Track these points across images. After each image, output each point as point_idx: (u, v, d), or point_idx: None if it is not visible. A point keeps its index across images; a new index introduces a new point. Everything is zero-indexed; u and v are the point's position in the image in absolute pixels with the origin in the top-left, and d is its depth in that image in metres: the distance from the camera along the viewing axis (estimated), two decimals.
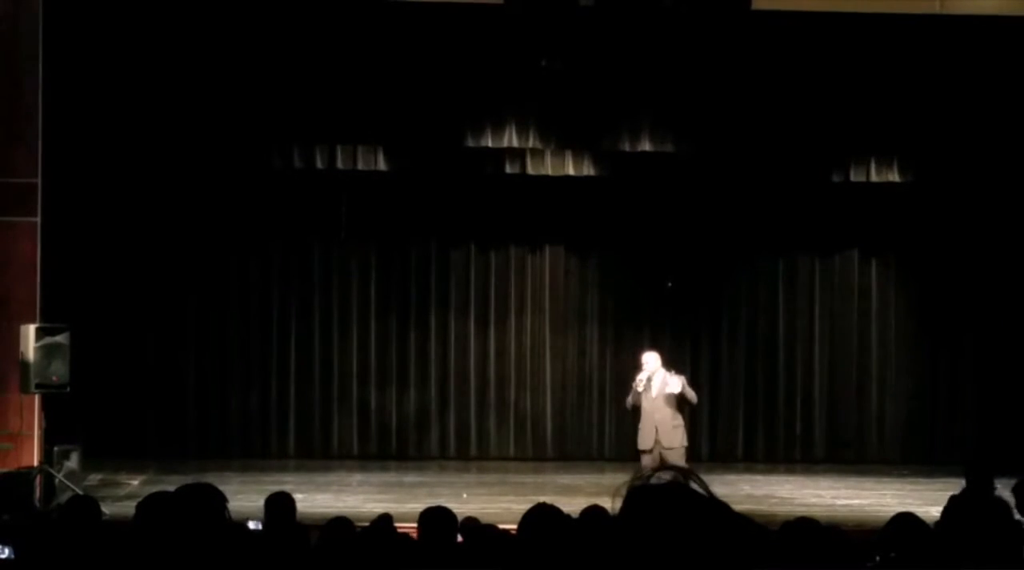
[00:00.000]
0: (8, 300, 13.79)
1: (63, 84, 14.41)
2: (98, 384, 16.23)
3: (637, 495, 2.04)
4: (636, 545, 1.98)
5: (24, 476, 12.95)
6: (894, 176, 16.82)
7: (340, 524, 6.00)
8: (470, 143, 16.16)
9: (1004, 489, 13.31)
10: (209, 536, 2.61)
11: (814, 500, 14.09)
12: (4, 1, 13.95)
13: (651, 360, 13.70)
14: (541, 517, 5.31)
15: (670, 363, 14.24)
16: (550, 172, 16.90)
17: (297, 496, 13.34)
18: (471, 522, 6.71)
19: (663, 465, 1.93)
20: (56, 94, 14.22)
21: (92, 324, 15.64)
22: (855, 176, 16.87)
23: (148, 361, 17.27)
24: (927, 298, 18.27)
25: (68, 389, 13.60)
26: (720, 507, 1.95)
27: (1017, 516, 7.70)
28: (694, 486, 2.01)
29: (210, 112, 15.43)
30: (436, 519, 5.77)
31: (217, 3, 14.69)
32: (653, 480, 2.04)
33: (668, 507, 1.99)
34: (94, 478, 14.61)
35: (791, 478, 16.19)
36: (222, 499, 3.38)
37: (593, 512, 5.94)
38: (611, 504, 2.10)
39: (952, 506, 5.13)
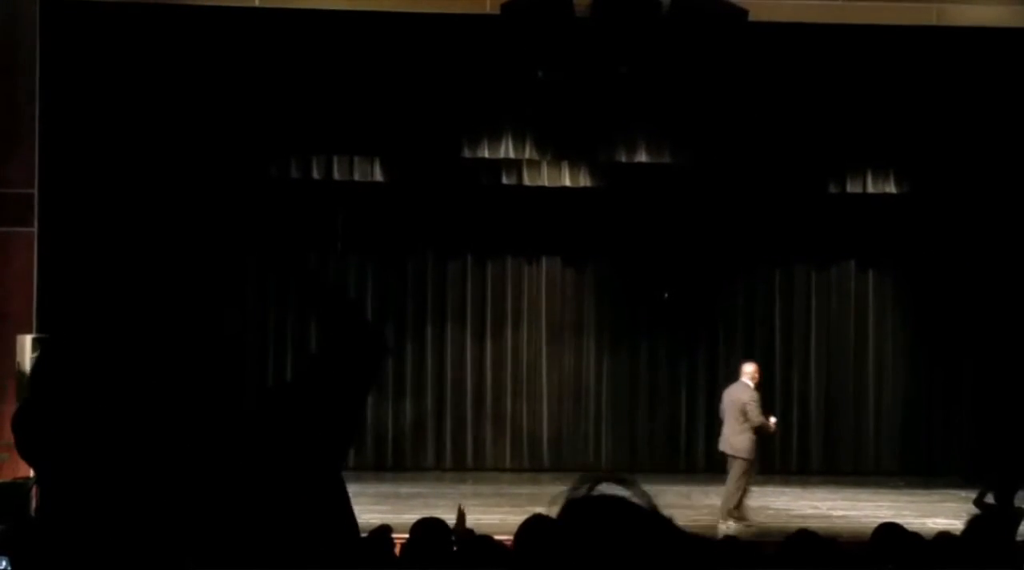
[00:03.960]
0: (5, 311, 13.78)
1: (60, 94, 14.41)
2: None
3: (574, 506, 2.00)
4: (574, 558, 1.95)
5: (20, 487, 12.91)
6: (891, 187, 16.85)
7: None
8: (467, 154, 16.17)
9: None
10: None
11: (810, 511, 14.07)
12: (1, 14, 13.95)
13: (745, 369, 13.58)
14: (537, 528, 5.30)
15: (672, 374, 14.27)
16: (547, 183, 16.92)
17: None
18: (468, 534, 6.70)
19: (604, 475, 1.85)
20: (53, 104, 14.22)
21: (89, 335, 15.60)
22: (852, 187, 16.90)
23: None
24: (924, 309, 18.28)
25: None
26: (661, 521, 1.90)
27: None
28: (635, 498, 1.93)
29: (207, 122, 15.43)
30: (430, 530, 5.77)
31: (214, 14, 14.68)
32: (594, 491, 2.00)
33: (605, 519, 1.94)
34: None
35: (787, 489, 16.17)
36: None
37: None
38: (547, 512, 2.07)
39: (978, 518, 5.13)
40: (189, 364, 2.54)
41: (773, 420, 13.29)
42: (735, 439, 13.07)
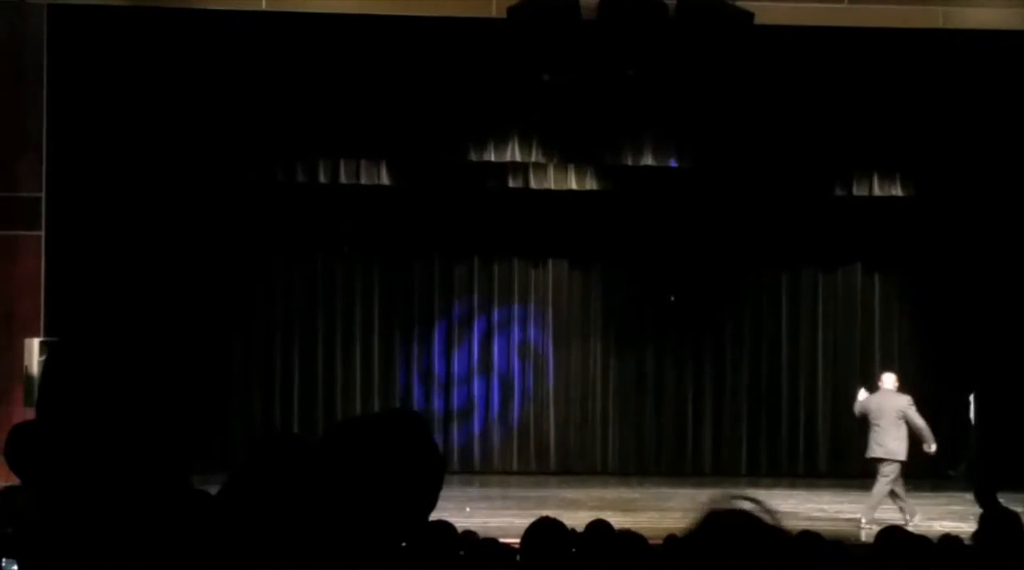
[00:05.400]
0: (12, 314, 13.81)
1: (67, 99, 14.44)
2: None
3: (712, 519, 2.26)
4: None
5: (27, 490, 12.92)
6: (897, 190, 16.85)
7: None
8: (473, 157, 16.19)
9: (1009, 502, 13.33)
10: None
11: (817, 514, 14.06)
12: (8, 18, 13.99)
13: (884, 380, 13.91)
14: (544, 531, 5.32)
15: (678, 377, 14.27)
16: (553, 186, 16.93)
17: None
18: (471, 536, 6.71)
19: (739, 494, 2.20)
20: (60, 109, 14.25)
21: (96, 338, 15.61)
22: (858, 190, 16.90)
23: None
24: (930, 312, 18.26)
25: None
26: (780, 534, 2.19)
27: None
28: (763, 515, 2.22)
29: (213, 126, 15.46)
30: (440, 533, 5.77)
31: (220, 18, 14.70)
32: (730, 505, 2.25)
33: (737, 533, 2.21)
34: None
35: (794, 492, 16.17)
36: None
37: (597, 526, 5.94)
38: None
39: (987, 519, 5.14)
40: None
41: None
42: (894, 444, 13.42)
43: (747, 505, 2.25)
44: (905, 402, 13.53)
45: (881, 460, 13.51)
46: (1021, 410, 17.20)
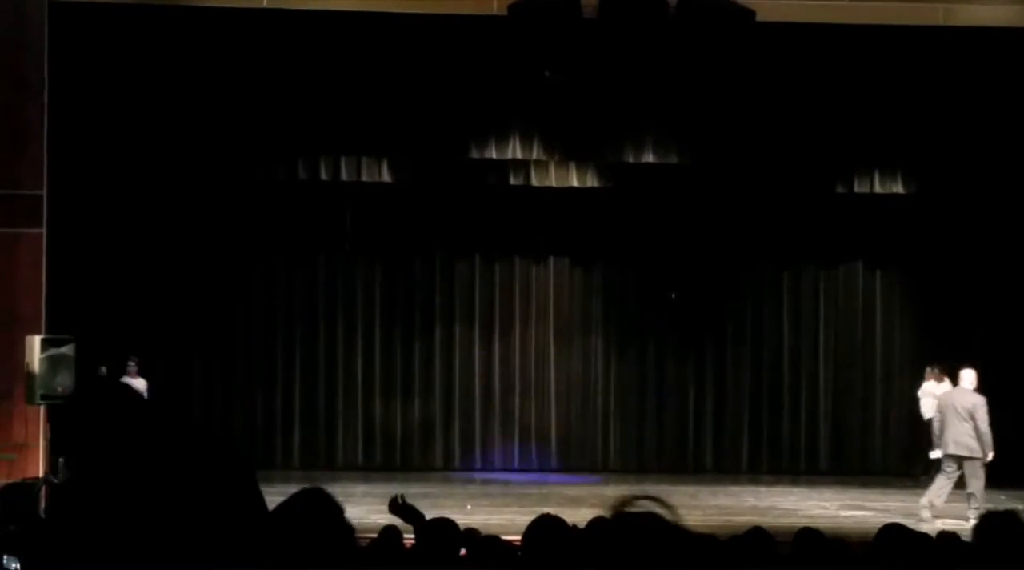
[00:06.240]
0: (14, 311, 13.81)
1: (69, 96, 14.44)
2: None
3: (615, 522, 2.33)
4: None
5: (29, 487, 12.95)
6: (898, 187, 16.85)
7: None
8: (474, 155, 16.20)
9: (1011, 501, 13.35)
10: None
11: (818, 512, 14.07)
12: (10, 16, 13.99)
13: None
14: (545, 528, 5.32)
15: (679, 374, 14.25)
16: (554, 183, 16.95)
17: None
18: (473, 534, 6.72)
19: (642, 495, 2.27)
20: (62, 106, 14.25)
21: (97, 335, 15.64)
22: (859, 187, 16.91)
23: (154, 372, 17.25)
24: (931, 310, 18.27)
25: None
26: (684, 533, 2.27)
27: None
28: (665, 514, 2.31)
29: (215, 124, 15.47)
30: (438, 531, 5.78)
31: (221, 16, 14.71)
32: (633, 508, 2.34)
33: (641, 535, 2.29)
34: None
35: (795, 489, 16.18)
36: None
37: (598, 523, 5.95)
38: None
39: (989, 517, 5.14)
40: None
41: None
42: (969, 440, 13.32)
43: (650, 505, 2.36)
44: (979, 401, 13.40)
45: (961, 458, 13.40)
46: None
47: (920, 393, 17.07)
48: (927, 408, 16.43)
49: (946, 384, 16.33)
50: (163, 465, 2.55)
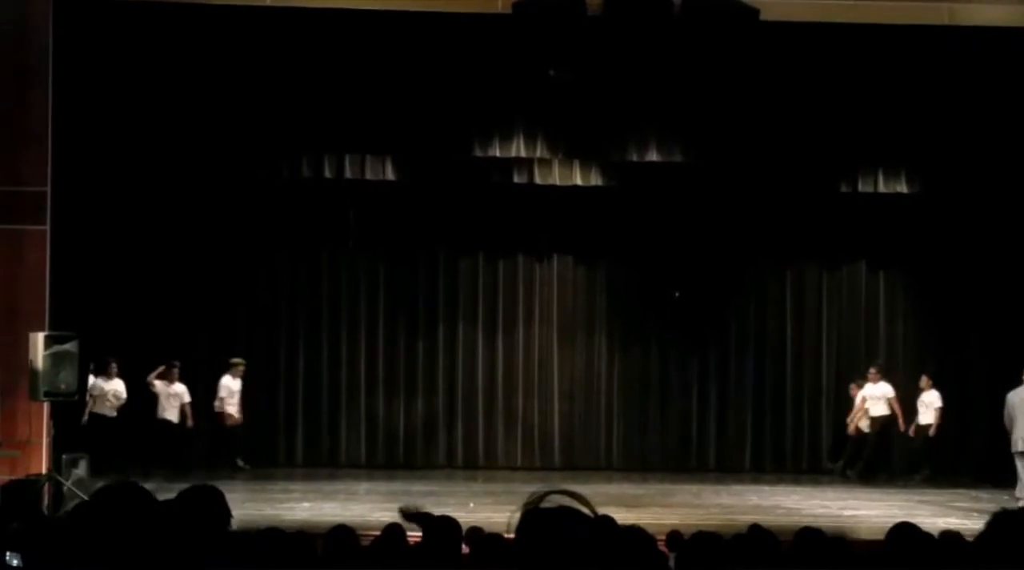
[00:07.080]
0: (17, 308, 13.81)
1: (73, 94, 14.44)
2: None
3: (530, 517, 2.33)
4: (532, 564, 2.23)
5: (32, 484, 12.94)
6: (902, 187, 16.83)
7: (343, 532, 6.00)
8: (478, 153, 16.19)
9: (1012, 500, 13.33)
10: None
11: (821, 511, 14.06)
12: (13, 12, 13.99)
13: None
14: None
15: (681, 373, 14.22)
16: (558, 182, 16.94)
17: (304, 505, 13.29)
18: (476, 532, 6.72)
19: (554, 489, 2.29)
20: (66, 104, 14.25)
21: (101, 332, 15.65)
22: (863, 186, 16.89)
23: (155, 370, 17.27)
24: (935, 310, 18.26)
25: (76, 397, 13.64)
26: (606, 523, 2.37)
27: None
28: (581, 507, 2.31)
29: (218, 121, 15.47)
30: (441, 529, 5.77)
31: (225, 13, 14.71)
32: (545, 503, 2.34)
33: (559, 528, 2.28)
34: (102, 486, 14.57)
35: (798, 488, 16.17)
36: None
37: (602, 522, 5.94)
38: (508, 523, 2.48)
39: (999, 516, 5.12)
40: None
41: None
42: None
43: (564, 499, 2.36)
44: None
45: None
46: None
47: (865, 393, 17.54)
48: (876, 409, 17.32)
49: (882, 384, 16.57)
50: None
